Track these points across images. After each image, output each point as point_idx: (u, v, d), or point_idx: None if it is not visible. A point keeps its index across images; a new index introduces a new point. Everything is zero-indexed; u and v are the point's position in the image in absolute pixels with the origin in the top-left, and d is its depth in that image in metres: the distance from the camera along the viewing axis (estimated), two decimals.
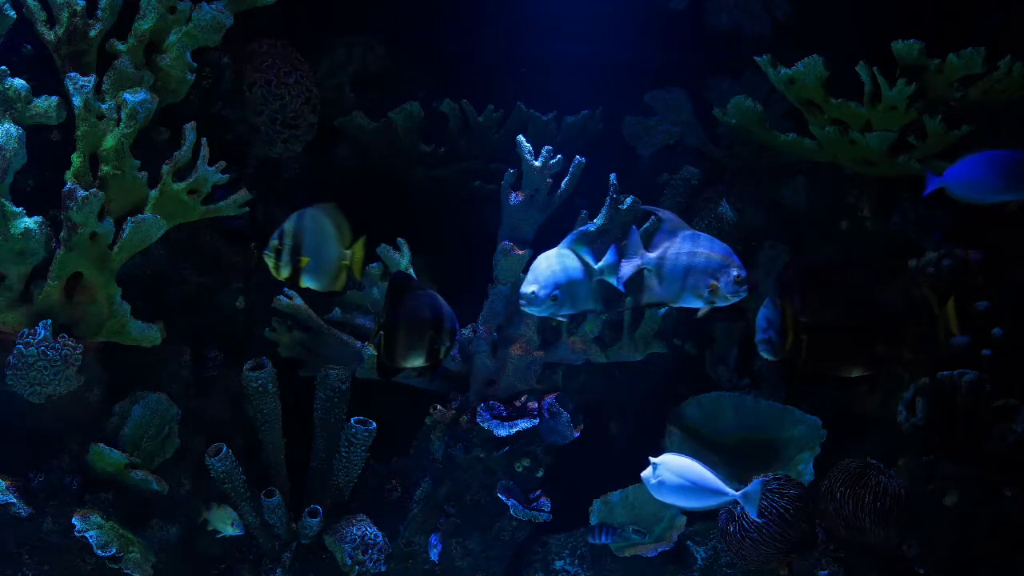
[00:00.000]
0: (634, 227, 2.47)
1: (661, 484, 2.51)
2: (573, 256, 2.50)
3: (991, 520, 2.65)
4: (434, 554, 3.08)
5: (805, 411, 3.16)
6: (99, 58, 2.66)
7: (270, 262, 2.35)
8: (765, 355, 2.20)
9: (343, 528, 2.97)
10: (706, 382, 3.34)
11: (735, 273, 2.34)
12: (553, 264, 2.47)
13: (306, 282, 2.39)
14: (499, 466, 3.11)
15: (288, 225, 2.35)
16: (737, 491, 2.43)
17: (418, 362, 2.32)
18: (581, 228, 2.54)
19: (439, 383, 3.14)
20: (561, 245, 2.52)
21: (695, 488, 2.50)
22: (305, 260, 2.35)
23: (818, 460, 3.03)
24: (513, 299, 2.98)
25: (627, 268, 2.44)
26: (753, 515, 2.53)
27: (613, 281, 2.49)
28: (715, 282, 2.34)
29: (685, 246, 2.37)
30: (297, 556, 2.99)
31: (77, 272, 2.59)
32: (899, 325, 2.20)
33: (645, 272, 2.42)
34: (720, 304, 2.38)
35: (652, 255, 2.40)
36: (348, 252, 2.40)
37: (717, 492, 2.48)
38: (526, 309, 2.48)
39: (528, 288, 2.45)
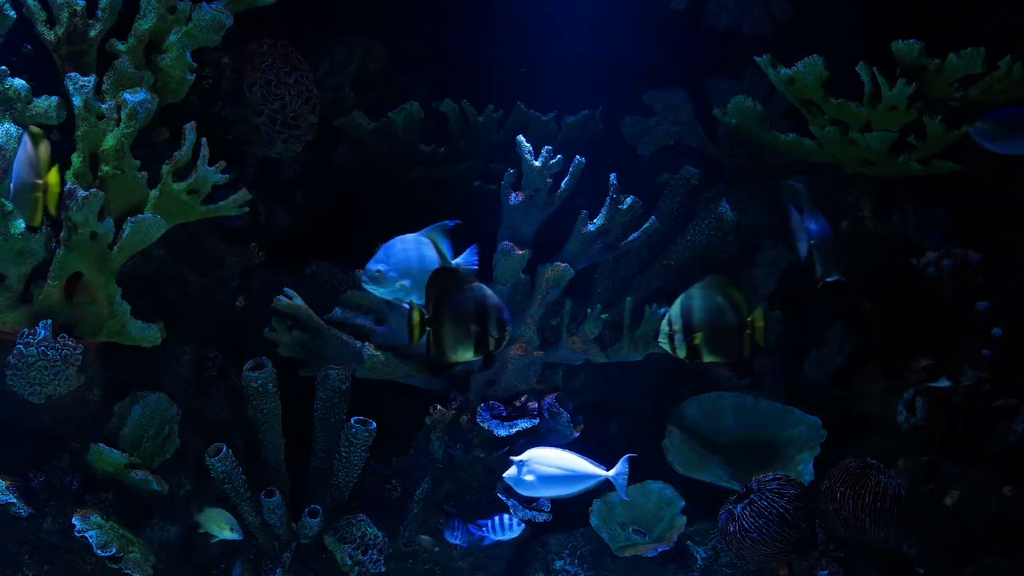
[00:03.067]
0: (792, 208, 2.44)
1: (532, 480, 2.56)
2: (431, 245, 2.42)
3: (990, 520, 2.65)
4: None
5: (805, 411, 3.16)
6: (99, 58, 2.66)
7: None
8: None
9: (343, 528, 2.97)
10: (706, 382, 3.34)
11: None
12: (409, 248, 2.40)
13: None
14: (499, 466, 3.10)
15: None
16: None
17: (467, 355, 2.28)
18: (445, 222, 2.48)
19: (439, 383, 3.14)
20: (422, 232, 2.43)
21: (570, 475, 2.55)
22: None
23: (818, 460, 3.03)
24: (513, 299, 2.99)
25: (802, 247, 2.47)
26: (622, 495, 2.62)
27: None
28: None
29: (822, 219, 2.43)
30: (297, 556, 2.99)
31: (77, 272, 2.59)
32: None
33: (813, 248, 2.40)
34: None
35: (814, 229, 2.43)
36: (41, 182, 2.12)
37: (590, 476, 2.58)
38: (366, 287, 2.38)
39: (375, 265, 2.37)
